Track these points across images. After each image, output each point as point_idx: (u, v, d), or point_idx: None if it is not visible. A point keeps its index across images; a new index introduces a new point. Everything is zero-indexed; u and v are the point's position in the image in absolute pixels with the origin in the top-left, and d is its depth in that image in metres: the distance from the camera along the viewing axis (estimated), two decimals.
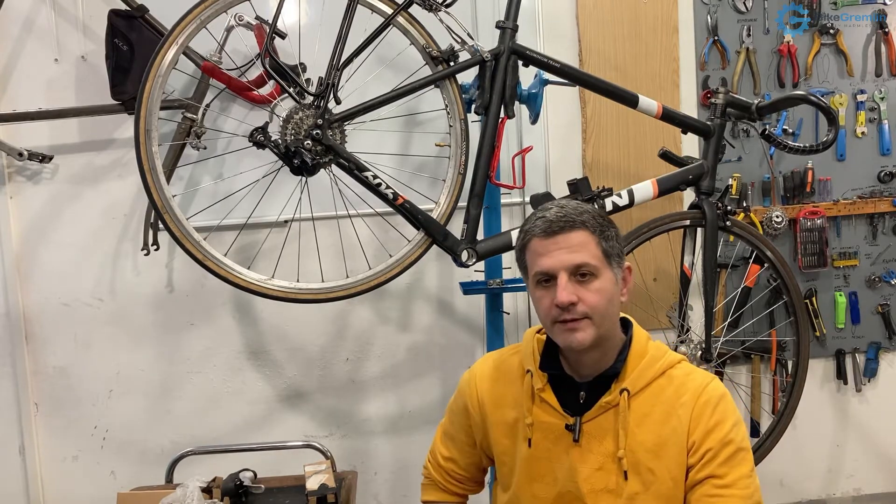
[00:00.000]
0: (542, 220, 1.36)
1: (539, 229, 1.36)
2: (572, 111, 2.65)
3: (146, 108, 1.79)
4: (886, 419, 2.85)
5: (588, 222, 1.35)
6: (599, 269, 1.34)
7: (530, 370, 1.46)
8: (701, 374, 1.42)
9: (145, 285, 2.58)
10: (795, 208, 2.70)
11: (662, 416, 1.37)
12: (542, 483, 1.43)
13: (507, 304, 2.43)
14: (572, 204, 1.39)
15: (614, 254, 1.37)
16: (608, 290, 1.34)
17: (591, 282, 1.33)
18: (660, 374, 1.40)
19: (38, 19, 2.47)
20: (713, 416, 1.35)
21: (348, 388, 2.68)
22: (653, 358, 1.41)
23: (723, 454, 1.33)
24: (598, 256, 1.34)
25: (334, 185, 1.99)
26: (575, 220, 1.34)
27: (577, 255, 1.33)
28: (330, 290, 1.94)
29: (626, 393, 1.37)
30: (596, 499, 1.38)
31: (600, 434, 1.39)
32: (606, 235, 1.36)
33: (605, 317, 1.34)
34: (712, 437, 1.34)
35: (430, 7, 1.96)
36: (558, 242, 1.34)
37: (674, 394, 1.38)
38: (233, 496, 1.93)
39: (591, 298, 1.33)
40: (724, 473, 1.33)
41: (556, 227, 1.34)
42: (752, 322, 2.70)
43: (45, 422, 2.60)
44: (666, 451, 1.36)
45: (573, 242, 1.33)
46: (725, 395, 1.39)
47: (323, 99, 1.86)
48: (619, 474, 1.37)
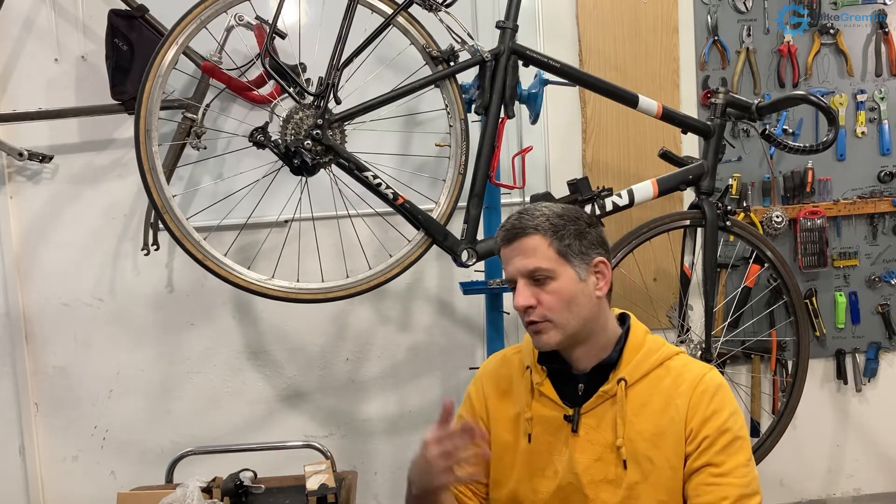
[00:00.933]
0: (503, 230, 1.42)
1: (501, 238, 1.42)
2: (572, 111, 2.65)
3: (146, 108, 1.79)
4: (886, 419, 2.85)
5: (541, 226, 1.38)
6: (555, 270, 1.37)
7: (529, 366, 1.48)
8: (699, 365, 1.43)
9: (145, 285, 2.58)
10: (795, 208, 2.70)
11: (660, 405, 1.38)
12: (543, 477, 1.44)
13: (507, 304, 2.43)
14: (532, 208, 1.42)
15: (573, 252, 1.38)
16: (567, 290, 1.37)
17: (547, 284, 1.37)
18: (657, 365, 1.41)
19: (38, 19, 2.46)
20: (711, 405, 1.36)
21: (348, 388, 2.68)
22: (650, 349, 1.42)
23: (720, 442, 1.34)
24: (551, 258, 1.37)
25: (334, 185, 1.99)
26: (527, 225, 1.38)
27: (529, 260, 1.37)
28: (330, 290, 1.94)
29: (624, 382, 1.39)
30: (596, 489, 1.39)
31: (599, 424, 1.40)
32: (561, 235, 1.38)
33: (567, 317, 1.37)
34: (709, 425, 1.35)
35: (430, 7, 1.96)
36: (514, 249, 1.39)
37: (671, 383, 1.39)
38: (233, 496, 1.93)
39: (548, 300, 1.36)
40: (721, 462, 1.33)
41: (510, 235, 1.40)
42: (752, 322, 2.70)
43: (45, 422, 2.60)
44: (664, 440, 1.37)
45: (526, 248, 1.38)
46: (723, 385, 1.40)
47: (323, 99, 1.86)
48: (619, 464, 1.38)
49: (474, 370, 1.68)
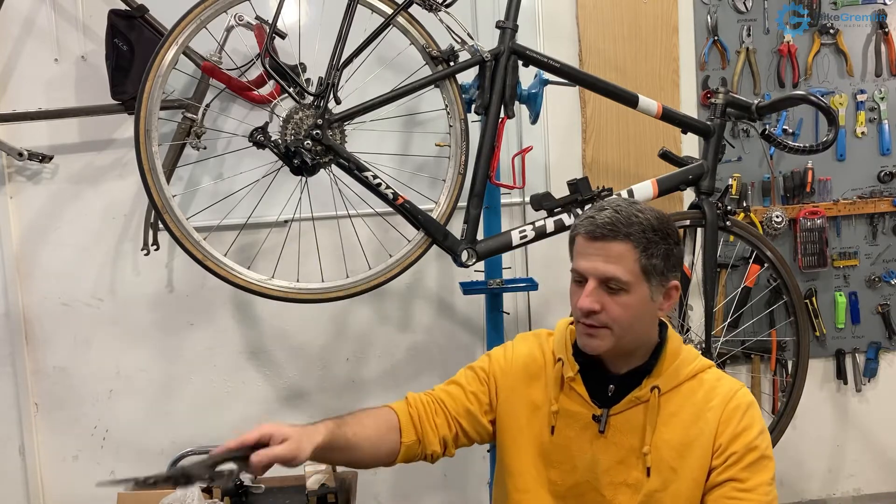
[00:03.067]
0: (590, 221, 1.34)
1: (585, 229, 1.34)
2: (572, 111, 2.65)
3: (146, 108, 1.79)
4: (886, 419, 2.85)
5: (634, 235, 1.31)
6: (632, 284, 1.31)
7: (562, 358, 1.45)
8: (731, 381, 1.42)
9: (145, 285, 2.58)
10: (795, 208, 2.70)
11: (691, 417, 1.37)
12: (560, 470, 1.43)
13: (507, 304, 2.43)
14: (629, 210, 1.34)
15: (656, 272, 1.33)
16: (636, 307, 1.33)
17: (619, 295, 1.32)
18: (691, 377, 1.40)
19: (38, 19, 2.46)
20: (742, 422, 1.36)
21: (348, 387, 2.68)
22: (685, 360, 1.41)
23: (747, 459, 1.34)
24: (633, 272, 1.31)
25: (334, 185, 1.99)
26: (620, 230, 1.31)
27: (611, 266, 1.31)
28: (330, 290, 1.94)
29: (657, 390, 1.37)
30: (614, 491, 1.39)
31: (627, 428, 1.39)
32: (650, 252, 1.32)
33: (627, 330, 1.34)
34: (739, 441, 1.35)
35: (430, 7, 1.96)
36: (598, 248, 1.32)
37: (704, 397, 1.38)
38: (233, 496, 1.93)
39: (615, 311, 1.32)
40: (746, 478, 1.34)
41: (599, 233, 1.32)
42: (752, 322, 2.70)
43: (45, 422, 2.60)
44: (691, 452, 1.36)
45: (612, 253, 1.31)
46: (754, 403, 1.40)
47: (323, 99, 1.86)
48: (641, 470, 1.37)
49: None
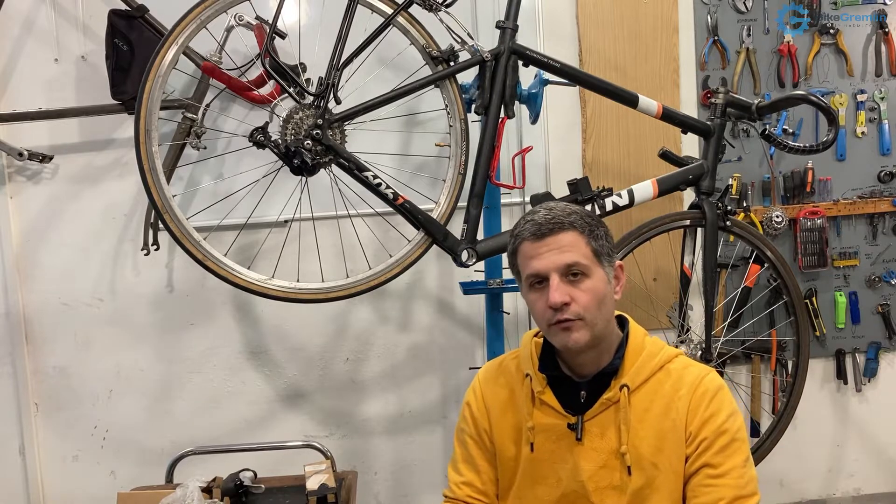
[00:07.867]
0: (531, 224, 1.38)
1: (528, 232, 1.38)
2: (572, 111, 2.65)
3: (146, 108, 1.79)
4: (886, 419, 2.85)
5: (576, 223, 1.36)
6: (590, 268, 1.36)
7: (529, 374, 1.46)
8: (698, 367, 1.43)
9: (145, 285, 2.58)
10: (795, 208, 2.70)
11: (662, 409, 1.38)
12: (545, 485, 1.43)
13: (507, 304, 2.43)
14: (560, 205, 1.41)
15: (604, 252, 1.38)
16: (600, 290, 1.36)
17: (582, 281, 1.35)
18: (658, 369, 1.41)
19: (38, 19, 2.47)
20: (709, 407, 1.37)
21: (348, 388, 2.68)
22: (650, 353, 1.42)
23: (718, 443, 1.35)
24: (588, 255, 1.36)
25: (334, 185, 1.99)
26: (563, 221, 1.36)
27: (567, 254, 1.35)
28: (330, 290, 1.94)
29: (626, 389, 1.39)
30: (601, 496, 1.39)
31: (602, 431, 1.39)
32: (596, 235, 1.38)
33: (598, 316, 1.36)
34: (708, 426, 1.36)
35: (430, 7, 1.96)
36: (548, 244, 1.36)
37: (672, 387, 1.39)
38: (233, 496, 1.93)
39: (584, 298, 1.35)
40: (719, 463, 1.34)
41: (545, 230, 1.36)
42: (752, 322, 2.70)
43: (45, 422, 2.60)
44: (667, 445, 1.37)
45: (563, 243, 1.35)
46: (722, 387, 1.40)
47: (323, 99, 1.86)
48: (623, 470, 1.38)
49: (475, 370, 1.67)
